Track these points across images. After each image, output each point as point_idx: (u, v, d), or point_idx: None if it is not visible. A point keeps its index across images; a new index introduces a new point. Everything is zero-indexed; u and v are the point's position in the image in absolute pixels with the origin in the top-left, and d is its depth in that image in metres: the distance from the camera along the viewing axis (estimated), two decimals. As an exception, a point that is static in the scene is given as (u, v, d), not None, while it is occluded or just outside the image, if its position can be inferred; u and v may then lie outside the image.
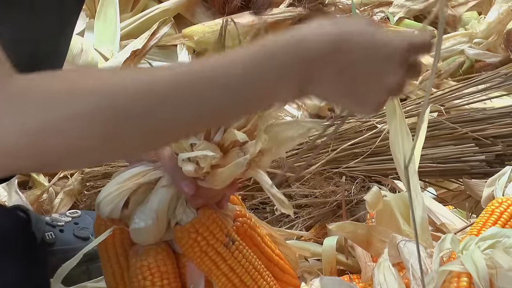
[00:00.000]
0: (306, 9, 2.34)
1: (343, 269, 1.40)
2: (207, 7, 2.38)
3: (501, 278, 1.02)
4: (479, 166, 1.62)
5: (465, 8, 2.64)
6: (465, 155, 1.65)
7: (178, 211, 1.10)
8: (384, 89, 0.87)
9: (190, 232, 1.09)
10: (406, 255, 1.12)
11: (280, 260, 1.24)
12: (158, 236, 1.11)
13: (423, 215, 1.19)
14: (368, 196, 1.22)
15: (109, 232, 1.11)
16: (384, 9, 2.53)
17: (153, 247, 1.11)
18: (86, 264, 1.35)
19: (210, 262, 1.11)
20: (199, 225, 1.10)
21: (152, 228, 1.10)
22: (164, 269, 1.11)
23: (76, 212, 1.46)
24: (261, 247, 1.21)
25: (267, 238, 1.24)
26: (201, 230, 1.10)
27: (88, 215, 1.46)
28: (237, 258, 1.13)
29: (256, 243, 1.20)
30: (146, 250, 1.11)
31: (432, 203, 1.48)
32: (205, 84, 0.77)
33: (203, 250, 1.10)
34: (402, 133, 1.21)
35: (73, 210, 1.48)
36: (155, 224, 1.10)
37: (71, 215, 1.45)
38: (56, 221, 1.41)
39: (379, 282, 1.10)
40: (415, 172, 1.22)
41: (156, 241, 1.11)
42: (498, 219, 1.28)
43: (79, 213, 1.46)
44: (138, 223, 1.10)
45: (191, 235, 1.09)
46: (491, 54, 2.36)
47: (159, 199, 1.10)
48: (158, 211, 1.09)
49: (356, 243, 1.31)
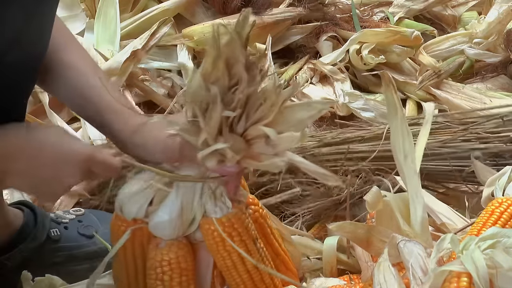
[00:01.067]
0: (306, 9, 2.34)
1: (343, 269, 1.40)
2: (207, 7, 2.38)
3: (501, 278, 1.02)
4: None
5: (465, 8, 2.65)
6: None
7: (206, 203, 1.09)
8: (61, 186, 1.09)
9: (226, 226, 1.08)
10: (406, 255, 1.12)
11: (285, 256, 1.24)
12: (181, 230, 1.10)
13: (423, 214, 1.19)
14: (368, 196, 1.22)
15: (128, 233, 1.11)
16: (384, 9, 2.54)
17: (175, 242, 1.10)
18: (90, 262, 1.36)
19: (238, 258, 1.10)
20: (235, 219, 1.09)
21: (176, 221, 1.09)
22: (184, 266, 1.10)
23: (80, 210, 1.47)
24: (270, 239, 1.20)
25: (275, 231, 1.23)
26: (237, 225, 1.09)
27: (92, 213, 1.47)
28: (261, 255, 1.13)
29: (265, 234, 1.19)
30: (168, 244, 1.10)
31: (433, 202, 1.48)
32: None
33: (235, 245, 1.09)
34: (402, 133, 1.21)
35: (77, 208, 1.48)
36: (180, 217, 1.09)
37: (75, 212, 1.45)
38: (60, 218, 1.41)
39: (379, 282, 1.10)
40: (416, 172, 1.21)
41: (178, 236, 1.10)
42: (498, 219, 1.28)
43: (82, 211, 1.46)
44: (161, 216, 1.09)
45: (225, 229, 1.08)
46: (491, 54, 2.36)
47: (183, 192, 1.09)
48: (183, 204, 1.08)
49: (356, 243, 1.30)
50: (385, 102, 1.21)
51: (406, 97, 2.23)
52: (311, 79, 2.22)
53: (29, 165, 1.05)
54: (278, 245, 1.23)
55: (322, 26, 2.34)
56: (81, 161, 1.07)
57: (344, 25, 2.39)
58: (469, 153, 1.63)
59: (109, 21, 2.25)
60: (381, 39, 2.27)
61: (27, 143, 1.07)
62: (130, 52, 2.09)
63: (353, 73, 2.29)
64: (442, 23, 2.62)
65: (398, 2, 2.54)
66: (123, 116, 1.15)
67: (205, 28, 2.21)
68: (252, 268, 1.12)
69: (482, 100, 2.15)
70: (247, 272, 1.12)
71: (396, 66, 2.33)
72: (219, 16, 2.31)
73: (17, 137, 1.07)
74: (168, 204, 1.09)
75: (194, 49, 2.24)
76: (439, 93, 2.19)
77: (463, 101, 2.16)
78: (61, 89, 1.21)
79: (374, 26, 2.37)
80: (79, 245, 1.37)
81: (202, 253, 1.14)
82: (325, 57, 2.28)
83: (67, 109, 2.10)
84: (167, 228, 1.09)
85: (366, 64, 2.23)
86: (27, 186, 1.10)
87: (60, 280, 1.25)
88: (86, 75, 1.19)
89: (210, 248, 1.11)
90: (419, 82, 2.22)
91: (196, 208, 1.10)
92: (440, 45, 2.40)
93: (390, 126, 1.22)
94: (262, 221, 1.18)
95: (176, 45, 2.24)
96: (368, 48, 2.23)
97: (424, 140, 1.32)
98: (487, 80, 2.33)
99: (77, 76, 1.19)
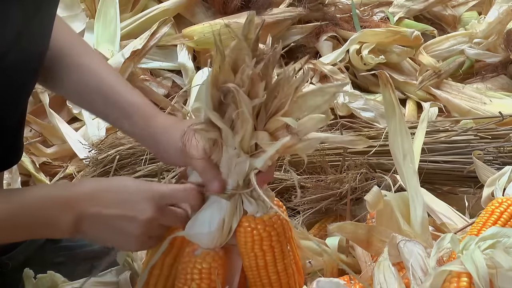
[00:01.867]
0: (306, 9, 2.35)
1: (343, 269, 1.40)
2: (207, 7, 2.38)
3: (501, 278, 1.02)
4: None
5: (465, 8, 2.65)
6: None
7: (245, 205, 1.07)
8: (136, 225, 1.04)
9: (267, 225, 1.07)
10: (406, 255, 1.12)
11: (299, 260, 1.24)
12: (220, 242, 1.08)
13: (423, 214, 1.19)
14: (369, 196, 1.22)
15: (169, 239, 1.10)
16: (384, 9, 2.54)
17: (211, 253, 1.08)
18: (91, 262, 1.36)
19: (271, 259, 1.09)
20: (275, 219, 1.08)
21: (216, 233, 1.07)
22: (214, 278, 1.08)
23: None
24: (290, 243, 1.19)
25: (293, 234, 1.23)
26: (276, 225, 1.08)
27: None
28: (290, 258, 1.12)
29: (288, 237, 1.18)
30: (204, 253, 1.08)
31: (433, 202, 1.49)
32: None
33: (272, 246, 1.08)
34: (401, 132, 1.21)
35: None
36: (220, 230, 1.07)
37: None
38: None
39: (379, 282, 1.10)
40: (415, 171, 1.21)
41: (216, 246, 1.08)
42: (498, 219, 1.28)
43: None
44: (200, 228, 1.07)
45: (266, 228, 1.07)
46: (491, 54, 2.36)
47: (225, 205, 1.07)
48: (225, 218, 1.07)
49: (356, 243, 1.30)
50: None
51: (406, 97, 2.23)
52: (311, 79, 2.22)
53: (100, 207, 1.03)
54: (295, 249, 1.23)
55: (322, 26, 2.34)
56: (148, 197, 1.04)
57: (344, 25, 2.39)
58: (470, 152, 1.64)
59: (109, 21, 2.26)
60: (381, 39, 2.27)
61: (96, 189, 1.05)
62: (130, 52, 2.10)
63: (353, 73, 2.29)
64: (442, 23, 2.62)
65: (398, 2, 2.54)
66: (146, 114, 1.16)
67: (205, 28, 2.21)
68: (282, 270, 1.11)
69: (482, 100, 2.15)
70: (276, 273, 1.11)
71: (396, 66, 2.33)
72: (219, 16, 2.31)
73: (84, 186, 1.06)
74: (208, 215, 1.07)
75: (194, 49, 2.24)
76: (439, 93, 2.20)
77: (463, 101, 2.16)
78: (71, 85, 1.21)
79: (374, 26, 2.37)
80: (80, 245, 1.37)
81: (232, 257, 1.13)
82: (325, 57, 2.28)
83: (67, 109, 2.10)
84: (205, 239, 1.08)
85: (366, 64, 2.23)
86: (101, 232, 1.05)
87: (61, 278, 1.25)
88: (99, 71, 1.20)
89: (245, 246, 1.08)
90: (419, 82, 2.22)
91: (234, 220, 1.08)
92: (440, 45, 2.40)
93: (388, 126, 1.22)
94: (285, 223, 1.18)
95: (176, 45, 2.24)
96: (368, 48, 2.23)
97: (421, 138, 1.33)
98: (487, 80, 2.33)
99: (91, 73, 1.19)
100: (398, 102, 1.21)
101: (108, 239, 1.07)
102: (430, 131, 1.72)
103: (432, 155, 1.64)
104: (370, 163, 1.63)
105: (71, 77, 1.20)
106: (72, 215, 1.02)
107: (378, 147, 1.63)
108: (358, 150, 1.64)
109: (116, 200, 1.04)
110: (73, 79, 1.20)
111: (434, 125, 1.81)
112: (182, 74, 2.21)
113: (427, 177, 1.62)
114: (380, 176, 1.58)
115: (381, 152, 1.64)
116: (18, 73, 1.08)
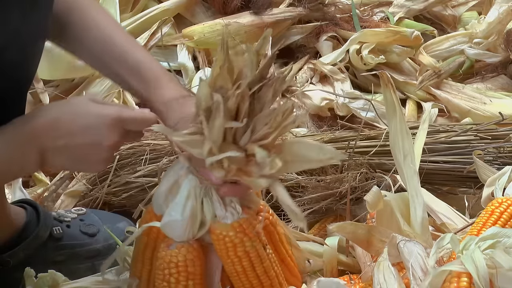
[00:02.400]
0: (306, 9, 2.34)
1: (343, 269, 1.40)
2: (207, 7, 2.38)
3: (501, 278, 1.02)
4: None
5: (465, 8, 2.65)
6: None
7: (216, 209, 1.08)
8: (103, 152, 1.07)
9: (238, 231, 1.07)
10: (406, 255, 1.12)
11: (291, 261, 1.24)
12: (192, 233, 1.09)
13: (423, 214, 1.19)
14: (369, 196, 1.22)
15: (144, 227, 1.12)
16: (384, 9, 2.54)
17: (185, 245, 1.09)
18: (91, 261, 1.36)
19: (248, 264, 1.09)
20: (246, 225, 1.08)
21: (188, 222, 1.08)
22: (191, 270, 1.09)
23: (81, 209, 1.47)
24: (277, 246, 1.19)
25: (284, 237, 1.23)
26: (248, 230, 1.08)
27: (94, 213, 1.47)
28: (270, 260, 1.12)
29: (273, 241, 1.19)
30: (178, 247, 1.09)
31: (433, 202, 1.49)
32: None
33: (246, 251, 1.08)
34: (402, 133, 1.21)
35: (78, 208, 1.49)
36: (191, 218, 1.08)
37: (77, 212, 1.46)
38: (62, 217, 1.42)
39: (379, 282, 1.11)
40: (416, 172, 1.22)
41: (189, 238, 1.09)
42: (498, 219, 1.28)
43: (84, 211, 1.47)
44: (174, 215, 1.08)
45: (238, 235, 1.07)
46: (491, 54, 2.36)
47: (187, 188, 1.08)
48: (193, 205, 1.07)
49: (356, 243, 1.30)
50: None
51: (406, 97, 2.22)
52: (311, 79, 2.22)
53: (65, 139, 1.05)
54: (285, 251, 1.22)
55: (322, 26, 2.34)
56: (111, 124, 1.07)
57: (344, 25, 2.39)
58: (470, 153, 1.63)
59: (109, 21, 2.25)
60: (381, 39, 2.27)
61: (57, 119, 1.07)
62: (130, 52, 2.10)
63: (353, 73, 2.29)
64: (442, 23, 2.62)
65: (398, 2, 2.54)
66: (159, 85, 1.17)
67: (205, 28, 2.21)
68: (262, 274, 1.11)
69: (482, 100, 2.15)
70: (257, 277, 1.11)
71: (396, 66, 2.33)
72: (219, 16, 2.31)
73: (45, 117, 1.07)
74: (179, 203, 1.08)
75: (194, 49, 2.24)
76: (439, 93, 2.19)
77: (463, 101, 2.16)
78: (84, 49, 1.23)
79: (374, 26, 2.37)
80: (82, 244, 1.38)
81: (211, 256, 1.14)
82: (325, 57, 2.28)
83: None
84: (178, 229, 1.09)
85: (366, 64, 2.23)
86: (68, 160, 1.08)
87: (62, 277, 1.25)
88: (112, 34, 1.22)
89: (220, 253, 1.10)
90: (419, 82, 2.22)
91: (206, 211, 1.09)
92: (440, 45, 2.40)
93: (389, 126, 1.22)
94: (272, 228, 1.18)
95: (176, 45, 2.24)
96: (368, 48, 2.23)
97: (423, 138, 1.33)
98: (487, 80, 2.33)
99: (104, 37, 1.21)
100: (399, 102, 1.21)
101: (76, 166, 1.18)
102: (430, 131, 1.72)
103: (432, 155, 1.64)
104: (370, 163, 1.63)
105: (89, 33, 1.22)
106: (37, 148, 1.05)
107: (378, 147, 1.63)
108: (358, 150, 1.64)
109: (79, 127, 1.06)
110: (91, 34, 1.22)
111: (434, 125, 1.81)
112: (182, 74, 2.20)
113: (427, 177, 1.62)
114: (380, 176, 1.58)
115: (382, 152, 1.64)
116: (16, 69, 1.08)
